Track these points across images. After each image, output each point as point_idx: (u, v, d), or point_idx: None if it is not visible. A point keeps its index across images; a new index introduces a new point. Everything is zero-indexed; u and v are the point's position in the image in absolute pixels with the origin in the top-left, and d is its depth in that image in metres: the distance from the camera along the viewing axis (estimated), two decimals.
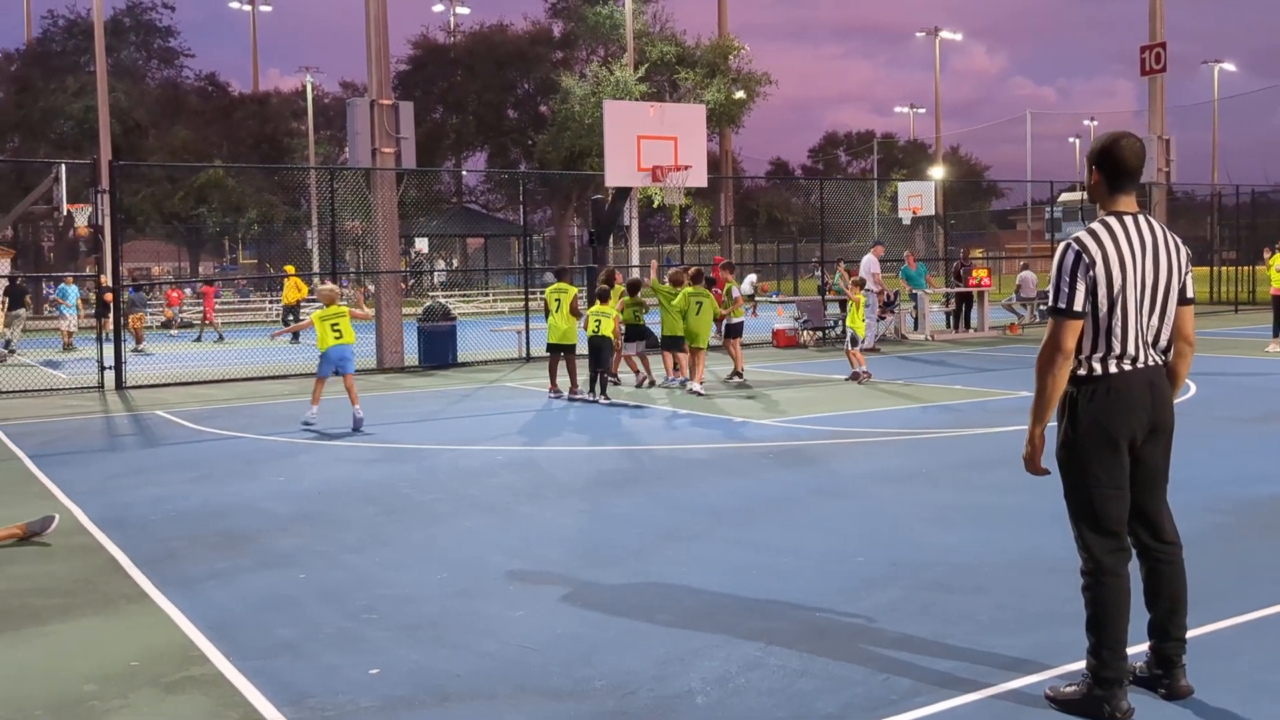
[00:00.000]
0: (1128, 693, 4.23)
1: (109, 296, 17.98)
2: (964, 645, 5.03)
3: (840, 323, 22.40)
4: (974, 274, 24.87)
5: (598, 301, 15.03)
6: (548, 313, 15.28)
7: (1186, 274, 4.33)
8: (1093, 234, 4.19)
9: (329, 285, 13.26)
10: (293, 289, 29.16)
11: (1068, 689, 4.35)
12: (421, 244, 51.93)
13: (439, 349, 19.53)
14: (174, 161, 46.24)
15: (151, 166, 44.14)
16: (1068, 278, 4.16)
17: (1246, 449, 9.92)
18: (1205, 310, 30.77)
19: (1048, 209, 36.59)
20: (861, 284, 16.79)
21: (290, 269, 32.67)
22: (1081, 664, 4.39)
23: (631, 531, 7.45)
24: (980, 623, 5.33)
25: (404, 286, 22.56)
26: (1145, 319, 4.20)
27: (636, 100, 36.45)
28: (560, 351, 14.95)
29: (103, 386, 16.82)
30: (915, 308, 24.55)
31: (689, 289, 15.26)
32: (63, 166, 19.76)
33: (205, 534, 7.59)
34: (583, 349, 14.99)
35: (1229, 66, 67.52)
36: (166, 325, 32.66)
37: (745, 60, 46.47)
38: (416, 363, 19.39)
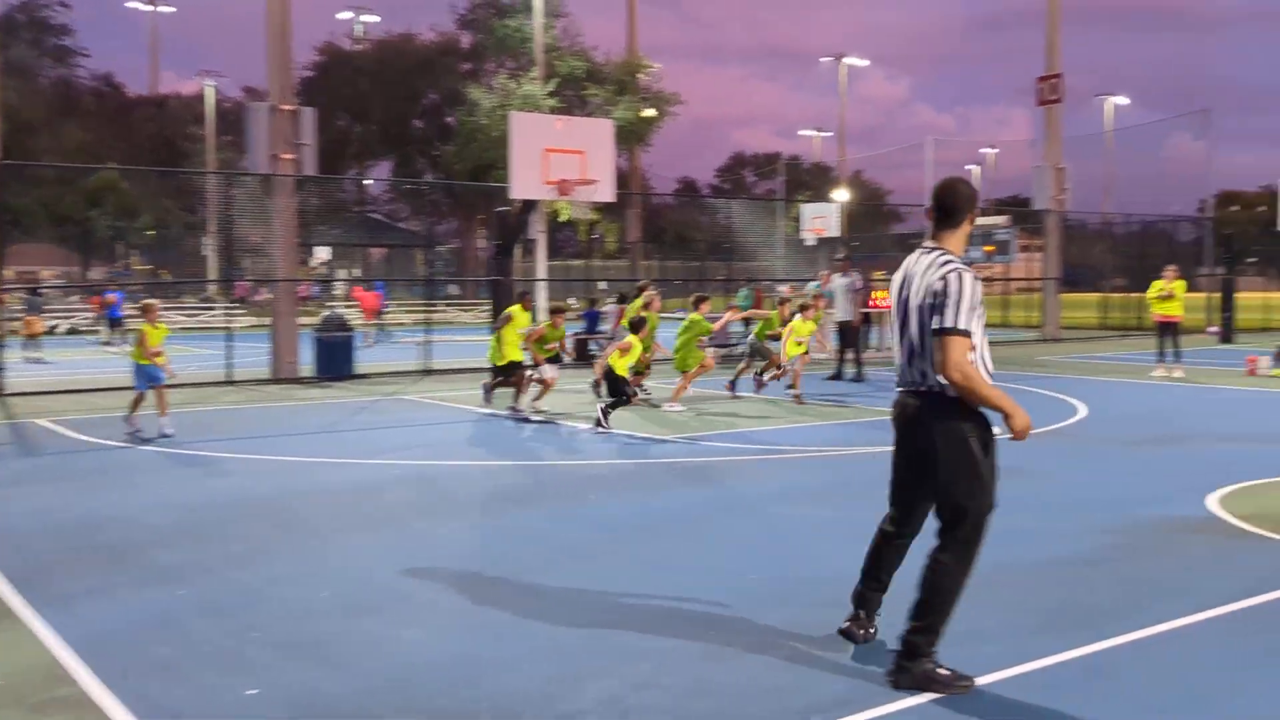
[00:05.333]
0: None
1: None
2: (861, 664, 5.01)
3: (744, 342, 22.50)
4: (873, 296, 25.18)
5: (631, 335, 13.56)
6: (500, 327, 14.32)
7: (937, 305, 4.56)
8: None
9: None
10: None
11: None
12: (324, 253, 51.02)
13: (336, 360, 19.08)
14: (66, 163, 44.89)
15: (42, 167, 42.78)
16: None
17: (1135, 471, 10.03)
18: (1095, 336, 31.65)
19: None
20: (803, 308, 16.01)
21: None
22: (988, 676, 4.65)
23: (528, 548, 7.32)
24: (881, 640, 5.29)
25: (301, 295, 21.33)
26: (900, 338, 4.88)
27: (545, 114, 36.33)
28: (520, 369, 14.15)
29: None
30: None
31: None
32: None
33: (83, 548, 7.27)
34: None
35: (1122, 99, 69.78)
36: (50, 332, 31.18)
37: (655, 78, 46.70)
38: (312, 374, 18.95)
